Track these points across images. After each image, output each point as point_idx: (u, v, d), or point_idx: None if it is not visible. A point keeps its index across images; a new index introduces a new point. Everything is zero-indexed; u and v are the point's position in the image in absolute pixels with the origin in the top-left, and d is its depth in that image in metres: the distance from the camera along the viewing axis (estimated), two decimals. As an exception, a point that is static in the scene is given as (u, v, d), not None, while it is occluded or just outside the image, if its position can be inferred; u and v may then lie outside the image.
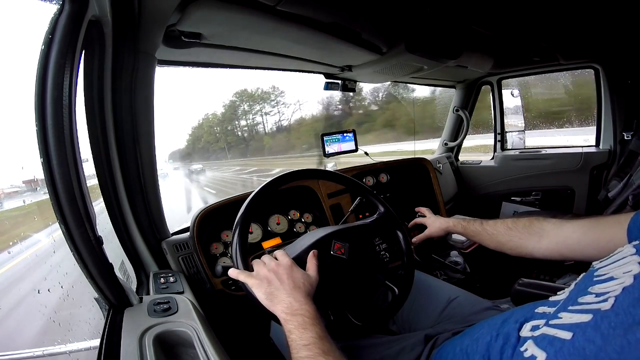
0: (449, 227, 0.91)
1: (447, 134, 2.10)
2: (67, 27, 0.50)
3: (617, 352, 0.28)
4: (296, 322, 0.51)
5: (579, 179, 1.77)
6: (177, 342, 0.58)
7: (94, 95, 0.72)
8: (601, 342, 0.30)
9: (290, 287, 0.57)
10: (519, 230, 0.70)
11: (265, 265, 0.62)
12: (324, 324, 0.53)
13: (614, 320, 0.31)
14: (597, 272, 0.40)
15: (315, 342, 0.48)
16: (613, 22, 1.24)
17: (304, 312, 0.53)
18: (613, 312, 0.32)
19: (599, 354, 0.29)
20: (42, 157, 0.49)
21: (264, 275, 0.60)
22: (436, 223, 0.95)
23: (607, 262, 0.41)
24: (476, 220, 0.83)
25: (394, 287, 0.74)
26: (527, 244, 0.69)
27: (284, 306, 0.54)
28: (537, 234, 0.67)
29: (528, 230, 0.69)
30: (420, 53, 1.13)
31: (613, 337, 0.29)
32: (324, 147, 1.40)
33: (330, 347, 0.48)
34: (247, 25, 0.84)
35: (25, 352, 1.02)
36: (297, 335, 0.50)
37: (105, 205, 0.83)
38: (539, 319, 0.41)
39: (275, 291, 0.57)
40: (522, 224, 0.71)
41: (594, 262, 0.44)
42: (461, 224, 0.86)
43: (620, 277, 0.35)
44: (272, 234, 1.18)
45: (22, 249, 1.51)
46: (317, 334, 0.49)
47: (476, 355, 0.46)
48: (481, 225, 0.80)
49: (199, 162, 22.22)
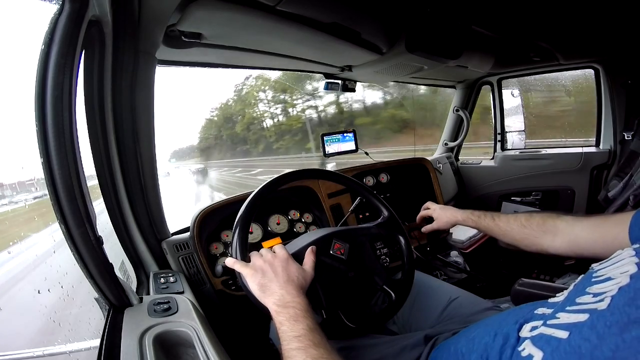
0: (458, 221, 0.89)
1: (447, 134, 2.10)
2: (67, 27, 0.50)
3: (612, 351, 0.29)
4: (287, 315, 0.52)
5: (579, 179, 1.77)
6: (177, 342, 0.58)
7: (94, 95, 0.72)
8: (597, 340, 0.30)
9: (284, 279, 0.57)
10: (533, 229, 0.71)
11: (262, 257, 0.62)
12: (316, 319, 0.53)
13: (609, 319, 0.31)
14: (596, 274, 0.40)
15: (305, 334, 0.48)
16: (613, 22, 1.24)
17: (296, 304, 0.53)
18: (609, 311, 0.32)
19: (594, 352, 0.30)
20: (42, 157, 0.49)
21: (259, 266, 0.60)
22: (444, 217, 0.92)
23: (606, 263, 0.41)
24: (487, 214, 0.82)
25: (391, 292, 0.73)
26: (541, 242, 0.69)
27: (275, 298, 0.55)
28: (551, 232, 0.68)
29: (542, 229, 0.69)
30: (420, 53, 1.13)
31: (609, 335, 0.30)
32: (324, 147, 1.40)
33: (321, 339, 0.49)
34: (247, 25, 0.84)
35: (25, 352, 1.02)
36: (288, 327, 0.50)
37: (105, 205, 0.83)
38: (538, 319, 0.41)
39: (269, 283, 0.58)
40: (536, 222, 0.71)
41: (593, 264, 0.44)
42: (471, 218, 0.85)
43: (618, 277, 0.36)
44: (272, 234, 1.18)
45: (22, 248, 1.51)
46: (307, 326, 0.50)
47: (472, 355, 0.46)
48: (493, 221, 0.79)
49: (215, 159, 19.36)
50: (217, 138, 14.79)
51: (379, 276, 0.74)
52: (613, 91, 1.64)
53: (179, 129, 28.56)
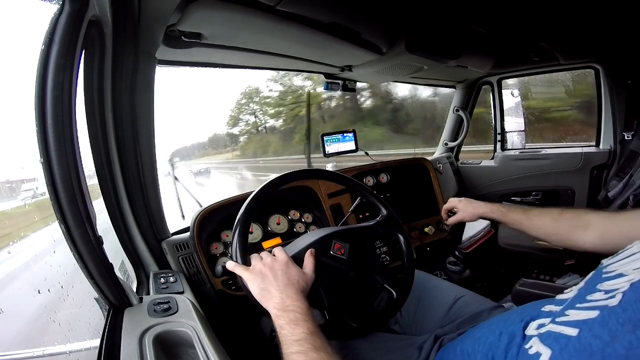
0: (485, 213, 0.86)
1: (447, 134, 2.10)
2: (67, 27, 0.50)
3: (625, 349, 0.28)
4: (287, 318, 0.52)
5: (579, 179, 1.77)
6: (177, 342, 0.58)
7: (94, 95, 0.72)
8: (608, 338, 0.30)
9: (284, 283, 0.57)
10: (565, 223, 0.70)
11: (262, 260, 0.62)
12: (318, 323, 0.53)
13: (621, 316, 0.30)
14: (606, 269, 0.40)
15: (306, 338, 0.48)
16: (613, 22, 1.24)
17: (296, 308, 0.53)
18: (620, 308, 0.31)
19: (605, 350, 0.29)
20: (42, 157, 0.49)
21: (259, 269, 0.60)
22: (469, 207, 0.89)
23: (616, 259, 0.41)
24: (517, 207, 0.81)
25: (393, 290, 0.74)
26: (573, 237, 0.69)
27: (275, 302, 0.55)
28: (582, 227, 0.67)
29: (574, 223, 0.69)
30: (420, 53, 1.13)
31: (621, 333, 0.29)
32: (324, 147, 1.39)
33: (322, 343, 0.49)
34: (247, 25, 0.84)
35: (25, 352, 1.02)
36: (288, 331, 0.50)
37: (105, 205, 0.83)
38: (545, 317, 0.40)
39: (269, 286, 0.57)
40: (569, 216, 0.70)
41: (603, 260, 0.43)
42: (500, 210, 0.82)
43: (630, 273, 0.35)
44: (272, 234, 1.18)
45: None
46: (308, 330, 0.49)
47: (478, 355, 0.46)
48: (525, 214, 0.78)
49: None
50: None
51: (379, 275, 0.74)
52: (613, 91, 1.64)
53: (180, 128, 28.17)
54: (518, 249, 1.44)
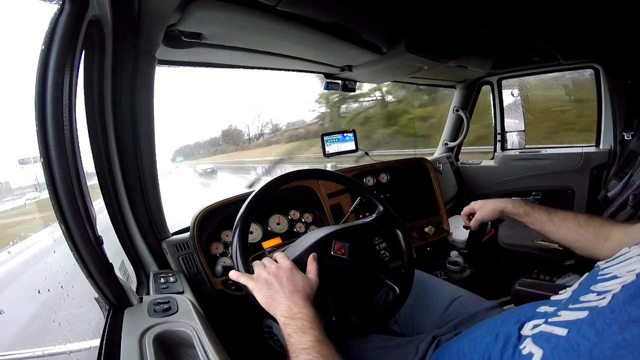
0: (506, 209, 0.82)
1: (447, 134, 2.10)
2: (67, 27, 0.50)
3: (612, 349, 0.28)
4: (295, 326, 0.51)
5: (579, 179, 1.77)
6: (177, 342, 0.58)
7: (94, 95, 0.72)
8: (596, 338, 0.30)
9: (290, 290, 0.57)
10: (590, 231, 0.67)
11: (266, 268, 0.62)
12: (325, 327, 0.53)
13: (609, 316, 0.31)
14: (602, 272, 0.40)
15: (314, 346, 0.48)
16: (613, 22, 1.24)
17: (303, 315, 0.53)
18: (609, 309, 0.31)
19: (593, 350, 0.29)
20: (42, 157, 0.49)
21: (264, 278, 0.60)
22: (487, 205, 0.85)
23: (612, 261, 0.41)
24: (541, 207, 0.77)
25: (395, 286, 0.74)
26: (594, 247, 0.66)
27: (283, 310, 0.54)
28: (603, 237, 0.65)
29: (597, 232, 0.66)
30: (420, 53, 1.13)
31: (609, 334, 0.29)
32: (324, 147, 1.40)
33: (329, 351, 0.48)
34: (247, 26, 0.84)
35: (25, 352, 1.02)
36: (296, 339, 0.50)
37: (105, 205, 0.83)
38: (540, 318, 0.41)
39: (275, 294, 0.57)
40: (594, 225, 0.67)
41: (598, 262, 0.43)
42: (523, 207, 0.78)
43: (624, 275, 0.35)
44: (272, 234, 1.18)
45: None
46: (316, 338, 0.49)
47: (474, 355, 0.46)
48: (548, 215, 0.74)
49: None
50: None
51: (381, 271, 0.75)
52: (613, 91, 1.64)
53: (183, 127, 28.06)
54: (518, 249, 1.44)
